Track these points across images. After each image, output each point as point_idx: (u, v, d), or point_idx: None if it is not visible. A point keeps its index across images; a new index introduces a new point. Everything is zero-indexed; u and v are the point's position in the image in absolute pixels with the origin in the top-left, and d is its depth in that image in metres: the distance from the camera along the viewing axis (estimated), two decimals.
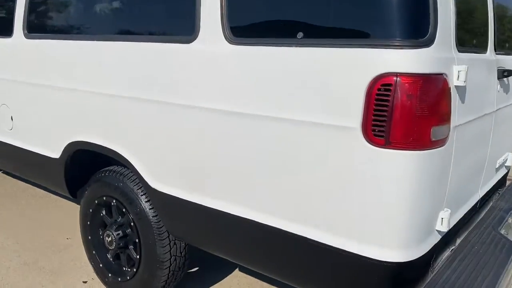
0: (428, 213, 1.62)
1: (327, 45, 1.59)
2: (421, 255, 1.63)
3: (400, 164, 1.48)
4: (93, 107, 2.41)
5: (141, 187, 2.34)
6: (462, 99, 1.69)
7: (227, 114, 1.86)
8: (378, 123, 1.49)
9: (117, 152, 2.33)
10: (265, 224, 1.83)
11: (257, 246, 1.92)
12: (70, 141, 2.59)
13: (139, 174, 2.27)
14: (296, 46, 1.66)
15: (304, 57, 1.64)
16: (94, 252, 2.71)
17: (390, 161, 1.49)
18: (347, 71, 1.53)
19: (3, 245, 3.22)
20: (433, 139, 1.51)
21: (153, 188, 2.23)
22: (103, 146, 2.39)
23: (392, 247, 1.55)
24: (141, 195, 2.35)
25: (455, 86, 1.61)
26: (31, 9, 2.78)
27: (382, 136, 1.49)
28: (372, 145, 1.50)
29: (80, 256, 3.03)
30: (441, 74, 1.52)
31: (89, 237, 2.73)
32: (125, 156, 2.30)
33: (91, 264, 2.76)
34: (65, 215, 3.75)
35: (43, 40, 2.69)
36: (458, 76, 1.59)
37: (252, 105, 1.78)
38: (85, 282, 2.82)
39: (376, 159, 1.50)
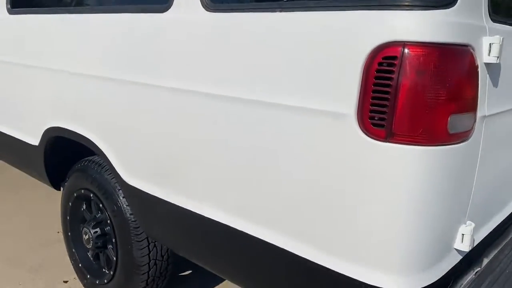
0: (443, 227, 1.25)
1: (316, 8, 1.23)
2: (433, 281, 1.26)
3: (406, 163, 1.12)
4: (65, 88, 2.14)
5: (117, 180, 2.06)
6: (495, 81, 1.30)
7: (201, 96, 1.54)
8: (378, 108, 1.13)
9: (89, 139, 2.05)
10: (239, 231, 1.51)
11: (235, 257, 1.60)
12: (47, 127, 2.33)
13: (112, 165, 1.98)
14: (280, 11, 1.32)
15: (288, 24, 1.29)
16: (73, 250, 2.46)
17: (392, 159, 1.13)
18: (340, 40, 1.18)
19: None
20: (452, 132, 1.14)
21: (126, 182, 1.94)
22: (76, 133, 2.12)
23: (393, 270, 1.19)
24: (118, 190, 2.07)
25: (484, 63, 1.22)
26: None
27: (382, 126, 1.13)
28: (370, 137, 1.15)
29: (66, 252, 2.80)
30: (465, 45, 1.14)
31: (69, 233, 2.48)
32: (96, 144, 2.02)
33: (71, 262, 2.51)
34: None
35: (21, 16, 2.44)
36: (490, 50, 1.21)
37: (229, 86, 1.45)
38: (65, 281, 2.58)
39: (375, 155, 1.14)
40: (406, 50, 1.08)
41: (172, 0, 1.62)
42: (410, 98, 1.09)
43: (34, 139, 2.47)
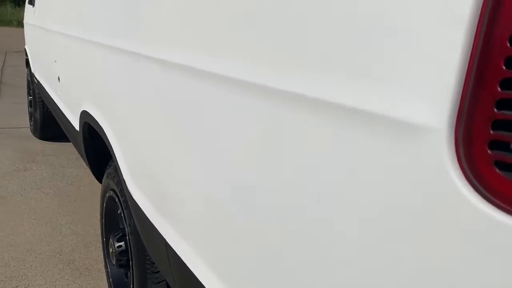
0: None
1: None
2: None
3: None
4: (86, 63, 1.68)
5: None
6: None
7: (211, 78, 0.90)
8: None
9: (103, 131, 1.57)
10: None
11: None
12: (82, 110, 1.92)
13: (119, 166, 1.46)
14: None
15: None
16: (106, 259, 2.04)
17: None
18: None
19: (55, 222, 2.82)
20: None
21: (129, 192, 1.40)
22: (95, 120, 1.66)
23: None
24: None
25: None
26: None
27: None
28: (492, 201, 0.39)
29: None
30: None
31: (104, 239, 2.07)
32: (107, 134, 1.52)
33: (105, 273, 2.10)
34: None
35: None
36: None
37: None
38: None
39: (495, 242, 0.39)
40: None
41: None
42: None
43: (76, 122, 2.10)
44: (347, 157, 0.54)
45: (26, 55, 4.55)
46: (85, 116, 1.84)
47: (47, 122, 4.22)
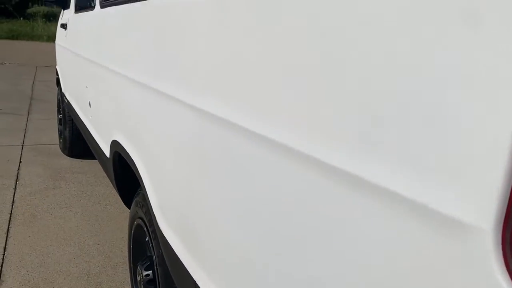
0: None
1: None
2: None
3: None
4: (118, 95, 1.73)
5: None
6: None
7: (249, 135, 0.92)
8: None
9: (134, 163, 1.60)
10: None
11: None
12: (112, 139, 1.97)
13: (149, 199, 1.50)
14: None
15: None
16: (134, 286, 2.07)
17: None
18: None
19: (83, 243, 2.88)
20: None
21: (159, 227, 1.43)
22: (126, 152, 1.70)
23: None
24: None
25: None
26: None
27: None
28: None
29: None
30: None
31: (131, 265, 2.10)
32: (139, 170, 1.55)
33: None
34: None
35: (105, 10, 2.13)
36: None
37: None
38: None
39: None
40: None
41: None
42: None
43: (107, 150, 2.16)
44: (394, 243, 0.54)
45: (57, 74, 4.68)
46: (116, 146, 1.89)
47: (76, 140, 4.32)
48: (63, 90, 4.19)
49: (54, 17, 24.81)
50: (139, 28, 1.47)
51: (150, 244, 1.73)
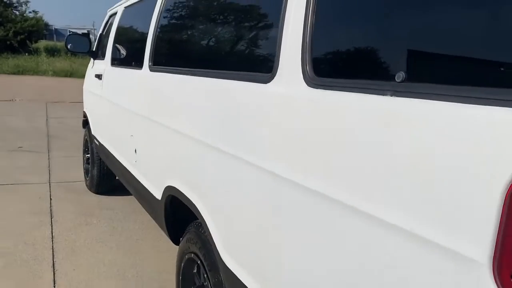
0: None
1: (436, 96, 0.88)
2: None
3: None
4: (178, 149, 2.09)
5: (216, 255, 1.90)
6: None
7: (295, 187, 1.28)
8: None
9: (195, 207, 1.95)
10: None
11: None
12: (167, 185, 2.32)
13: (212, 237, 1.83)
14: (391, 95, 0.99)
15: (394, 114, 0.96)
16: None
17: None
18: (471, 148, 0.81)
19: (123, 274, 3.18)
20: None
21: (222, 260, 1.76)
22: (186, 196, 2.04)
23: None
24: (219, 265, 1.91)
25: None
26: (155, 42, 2.66)
27: None
28: None
29: None
30: None
31: None
32: (201, 212, 1.90)
33: None
34: None
35: (156, 73, 2.52)
36: None
37: (326, 185, 1.17)
38: None
39: None
40: None
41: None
42: None
43: (158, 193, 2.50)
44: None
45: (84, 116, 5.05)
46: (171, 190, 2.24)
47: (103, 179, 4.67)
48: (93, 133, 4.55)
49: (57, 52, 25.59)
50: (209, 100, 1.84)
51: (205, 275, 2.05)
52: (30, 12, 26.59)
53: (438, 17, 0.99)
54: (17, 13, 25.92)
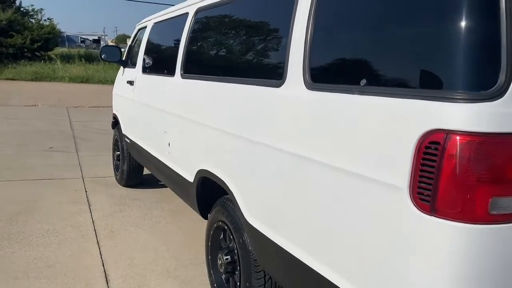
0: None
1: (383, 94, 1.46)
2: None
3: (446, 238, 1.25)
4: (210, 140, 2.68)
5: (241, 218, 2.48)
6: None
7: (296, 157, 1.87)
8: (425, 185, 1.30)
9: (224, 183, 2.53)
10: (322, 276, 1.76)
11: None
12: (199, 168, 2.91)
13: (238, 205, 2.42)
14: (358, 94, 1.58)
15: (361, 106, 1.54)
16: (211, 271, 2.96)
17: (434, 231, 1.27)
18: (399, 123, 1.39)
19: (157, 249, 3.77)
20: (493, 213, 1.23)
21: (247, 220, 2.34)
22: (216, 176, 2.63)
23: None
24: (243, 226, 2.49)
25: None
26: (186, 54, 3.27)
27: (428, 201, 1.29)
28: (418, 210, 1.31)
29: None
30: (507, 133, 1.23)
31: (209, 257, 2.99)
32: (229, 187, 2.48)
33: (209, 281, 3.01)
34: None
35: (187, 80, 3.12)
36: None
37: (322, 155, 1.75)
38: None
39: (420, 225, 1.30)
40: (447, 138, 1.24)
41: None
42: (449, 178, 1.24)
43: (190, 177, 3.09)
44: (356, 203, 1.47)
45: (114, 118, 5.66)
46: (203, 173, 2.83)
47: (132, 173, 5.28)
48: (123, 132, 5.16)
49: (71, 58, 26.50)
50: (233, 101, 2.44)
51: (231, 236, 2.63)
52: (45, 20, 27.46)
53: (386, 38, 1.57)
54: (33, 21, 26.77)
